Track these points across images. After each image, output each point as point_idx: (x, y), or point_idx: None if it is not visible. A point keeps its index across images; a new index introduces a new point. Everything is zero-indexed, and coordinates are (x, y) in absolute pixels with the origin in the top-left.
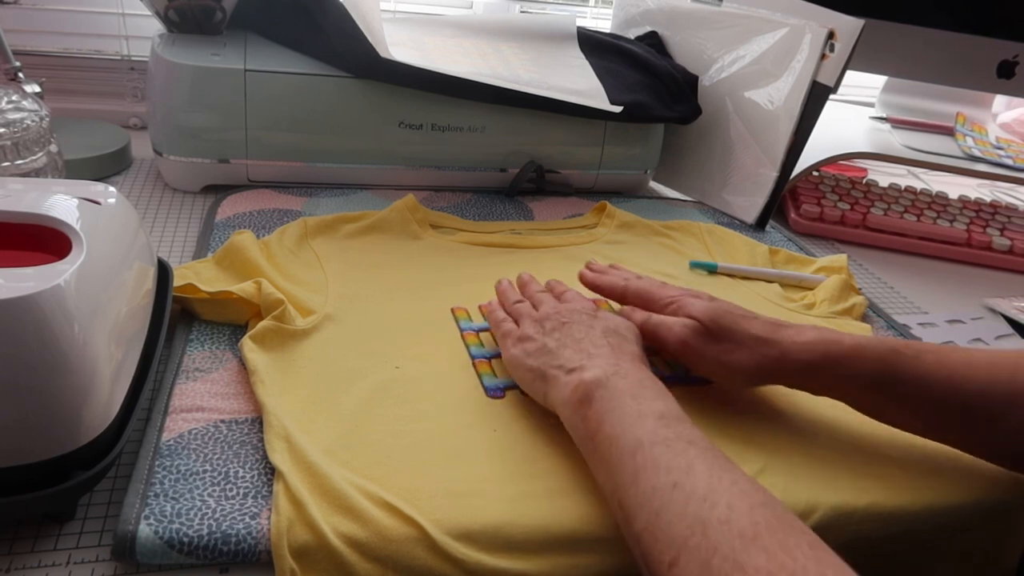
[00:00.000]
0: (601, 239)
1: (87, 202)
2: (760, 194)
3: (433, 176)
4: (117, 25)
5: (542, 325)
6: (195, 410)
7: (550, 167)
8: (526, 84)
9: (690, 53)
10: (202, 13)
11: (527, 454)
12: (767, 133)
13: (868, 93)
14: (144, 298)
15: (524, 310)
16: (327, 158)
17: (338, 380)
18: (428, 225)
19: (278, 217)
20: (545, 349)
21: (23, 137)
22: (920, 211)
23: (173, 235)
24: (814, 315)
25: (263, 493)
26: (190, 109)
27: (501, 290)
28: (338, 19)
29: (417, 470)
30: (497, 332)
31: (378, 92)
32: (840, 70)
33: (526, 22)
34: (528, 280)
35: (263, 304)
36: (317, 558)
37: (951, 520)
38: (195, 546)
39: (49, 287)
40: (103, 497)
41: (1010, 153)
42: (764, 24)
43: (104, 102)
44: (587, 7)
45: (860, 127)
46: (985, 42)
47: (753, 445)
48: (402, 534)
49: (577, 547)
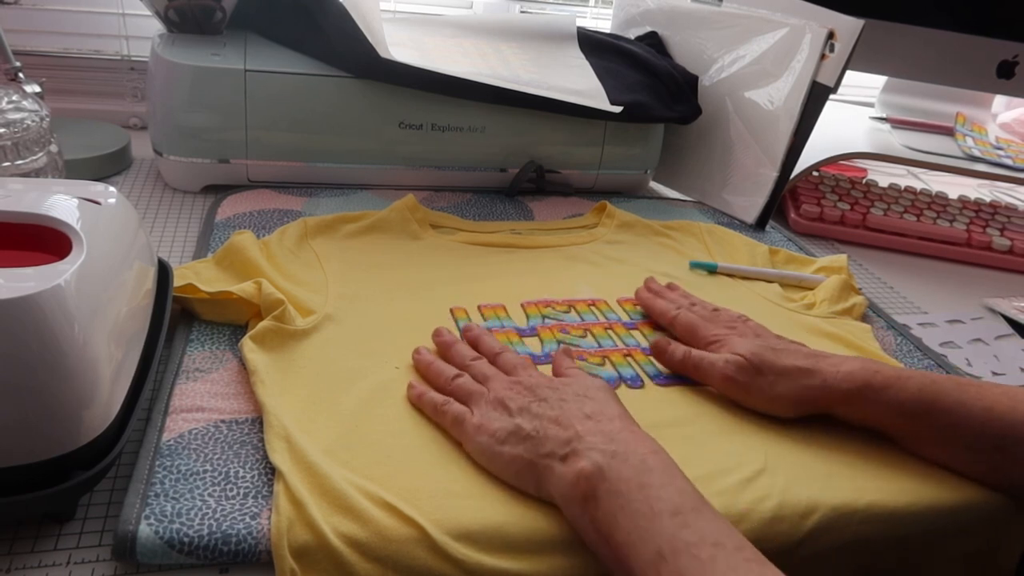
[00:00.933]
0: (601, 239)
1: (87, 202)
2: (760, 194)
3: (433, 176)
4: (117, 25)
5: (504, 405)
6: (195, 410)
7: (550, 167)
8: (526, 84)
9: (690, 53)
10: (202, 13)
11: None
12: (767, 133)
13: (868, 93)
14: (144, 298)
15: (470, 387)
16: (327, 158)
17: (338, 380)
18: (428, 225)
19: (278, 217)
20: (521, 433)
21: (23, 137)
22: (920, 211)
23: (173, 235)
24: (814, 315)
25: (263, 493)
26: (190, 109)
27: (426, 364)
28: (338, 19)
29: (417, 470)
30: (444, 420)
31: (378, 92)
32: (840, 70)
33: (526, 22)
34: (463, 339)
35: (263, 304)
36: (317, 558)
37: (951, 521)
38: (195, 546)
39: (49, 287)
40: (103, 497)
41: (1010, 153)
42: (764, 24)
43: (104, 102)
44: (587, 7)
45: (860, 127)
46: (985, 42)
47: (753, 445)
48: (402, 534)
49: (577, 547)
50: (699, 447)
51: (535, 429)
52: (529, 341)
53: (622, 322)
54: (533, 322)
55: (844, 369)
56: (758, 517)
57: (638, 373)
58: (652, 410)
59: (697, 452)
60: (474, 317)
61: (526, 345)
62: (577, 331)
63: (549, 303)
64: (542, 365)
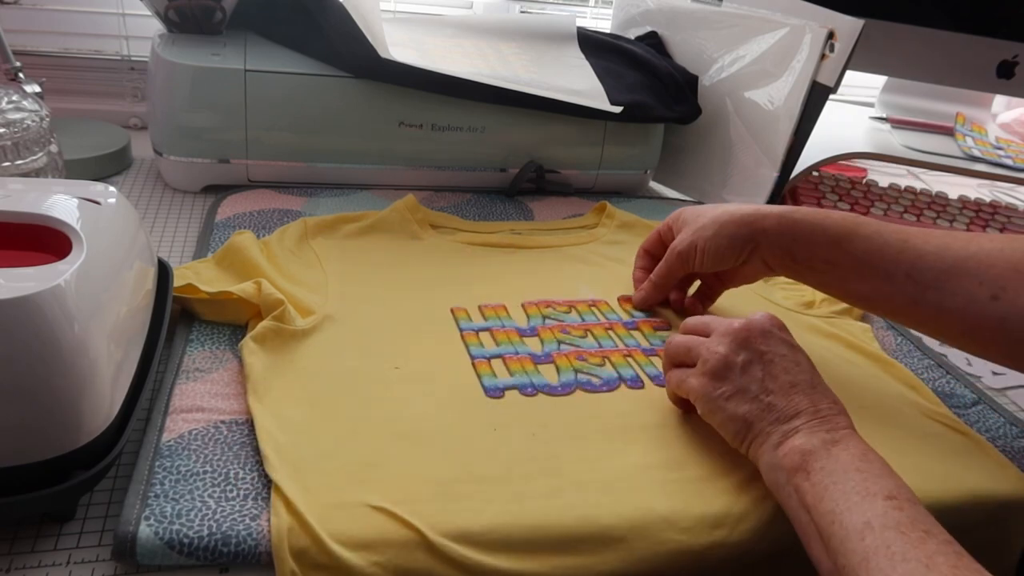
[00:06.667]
0: (601, 239)
1: (87, 202)
2: (760, 194)
3: (433, 176)
4: (117, 25)
5: (730, 348)
6: (195, 410)
7: (550, 167)
8: (526, 84)
9: (690, 53)
10: (202, 13)
11: (526, 454)
12: (767, 133)
13: (868, 93)
14: (144, 298)
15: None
16: (327, 158)
17: (338, 380)
18: (428, 225)
19: (278, 217)
20: (747, 393)
21: (23, 137)
22: (920, 211)
23: (173, 235)
24: (813, 314)
25: (263, 494)
26: (190, 109)
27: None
28: (338, 19)
29: (416, 471)
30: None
31: (378, 92)
32: (840, 70)
33: (526, 22)
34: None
35: (263, 304)
36: (318, 561)
37: (950, 520)
38: (195, 547)
39: (49, 287)
40: (103, 497)
41: (1010, 153)
42: (764, 24)
43: (104, 102)
44: (587, 7)
45: (860, 127)
46: (985, 42)
47: None
48: (401, 536)
49: (577, 547)
50: (699, 447)
51: (759, 391)
52: (529, 341)
53: (623, 322)
54: (534, 322)
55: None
56: (758, 517)
57: (638, 373)
58: (652, 410)
59: (697, 452)
60: (475, 317)
61: (527, 345)
62: (578, 331)
63: (550, 303)
64: (542, 365)
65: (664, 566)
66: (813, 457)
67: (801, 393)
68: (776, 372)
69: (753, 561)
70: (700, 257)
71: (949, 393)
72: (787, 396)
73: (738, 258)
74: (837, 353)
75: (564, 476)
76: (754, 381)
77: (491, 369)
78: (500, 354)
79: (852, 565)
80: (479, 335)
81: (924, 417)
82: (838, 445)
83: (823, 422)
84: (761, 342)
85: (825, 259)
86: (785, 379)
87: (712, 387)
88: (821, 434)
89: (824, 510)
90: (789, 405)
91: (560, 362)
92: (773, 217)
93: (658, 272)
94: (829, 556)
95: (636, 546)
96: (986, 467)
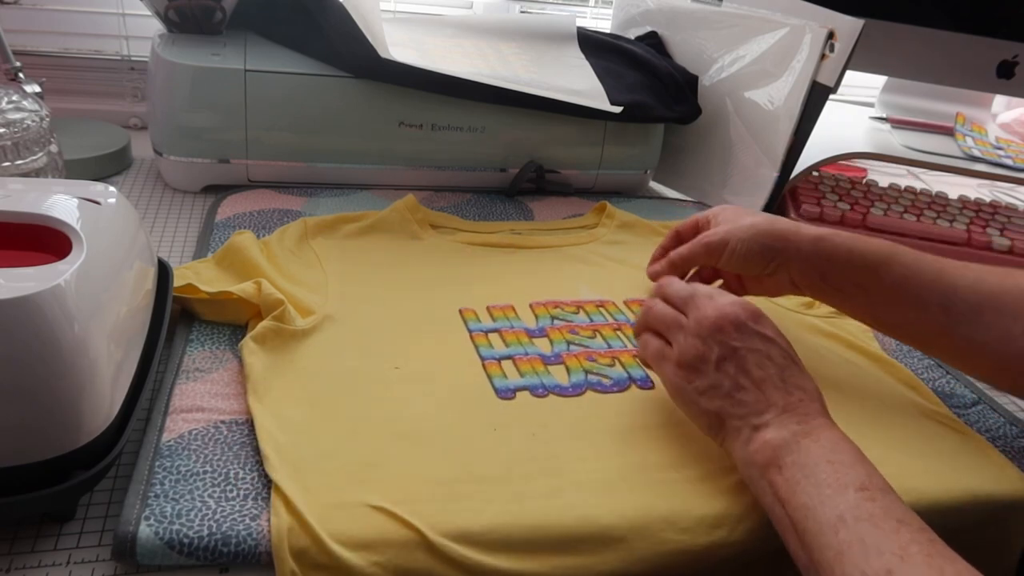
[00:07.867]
0: (601, 239)
1: (87, 202)
2: (760, 194)
3: (433, 176)
4: (117, 25)
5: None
6: (195, 410)
7: (550, 167)
8: (526, 84)
9: (690, 53)
10: (202, 13)
11: (526, 454)
12: (767, 133)
13: (868, 93)
14: (144, 298)
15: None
16: (327, 158)
17: (338, 380)
18: (428, 225)
19: (278, 217)
20: (719, 389)
21: (23, 137)
22: (920, 211)
23: (173, 235)
24: (813, 315)
25: (263, 495)
26: (190, 109)
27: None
28: (338, 19)
29: (416, 471)
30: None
31: (378, 92)
32: (840, 70)
33: (526, 22)
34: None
35: (263, 304)
36: (318, 561)
37: (950, 520)
38: (195, 547)
39: (49, 287)
40: (103, 497)
41: (1010, 153)
42: (764, 24)
43: (104, 102)
44: (587, 7)
45: (860, 127)
46: (985, 42)
47: None
48: (401, 536)
49: (577, 547)
50: (706, 446)
51: (732, 387)
52: (539, 342)
53: (631, 323)
54: (542, 323)
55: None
56: (758, 517)
57: (648, 374)
58: (661, 410)
59: (703, 451)
60: (483, 318)
61: (536, 346)
62: (587, 332)
63: (558, 304)
64: (552, 366)
65: (664, 566)
66: (784, 451)
67: (772, 387)
68: (749, 367)
69: (753, 561)
70: (728, 255)
71: (949, 393)
72: (758, 391)
73: (764, 268)
74: (837, 353)
75: (564, 476)
76: (727, 378)
77: (502, 370)
78: (510, 355)
79: (827, 560)
80: (488, 336)
81: (924, 417)
82: (809, 437)
83: (793, 414)
84: (736, 337)
85: (857, 283)
86: (757, 374)
87: (686, 380)
88: (792, 426)
89: (797, 504)
90: (759, 400)
91: (570, 363)
92: (809, 238)
93: (680, 252)
94: (804, 551)
95: (636, 546)
96: (986, 467)
